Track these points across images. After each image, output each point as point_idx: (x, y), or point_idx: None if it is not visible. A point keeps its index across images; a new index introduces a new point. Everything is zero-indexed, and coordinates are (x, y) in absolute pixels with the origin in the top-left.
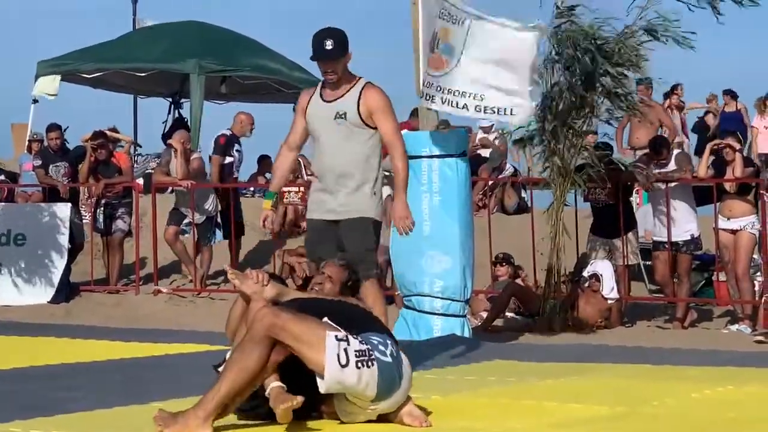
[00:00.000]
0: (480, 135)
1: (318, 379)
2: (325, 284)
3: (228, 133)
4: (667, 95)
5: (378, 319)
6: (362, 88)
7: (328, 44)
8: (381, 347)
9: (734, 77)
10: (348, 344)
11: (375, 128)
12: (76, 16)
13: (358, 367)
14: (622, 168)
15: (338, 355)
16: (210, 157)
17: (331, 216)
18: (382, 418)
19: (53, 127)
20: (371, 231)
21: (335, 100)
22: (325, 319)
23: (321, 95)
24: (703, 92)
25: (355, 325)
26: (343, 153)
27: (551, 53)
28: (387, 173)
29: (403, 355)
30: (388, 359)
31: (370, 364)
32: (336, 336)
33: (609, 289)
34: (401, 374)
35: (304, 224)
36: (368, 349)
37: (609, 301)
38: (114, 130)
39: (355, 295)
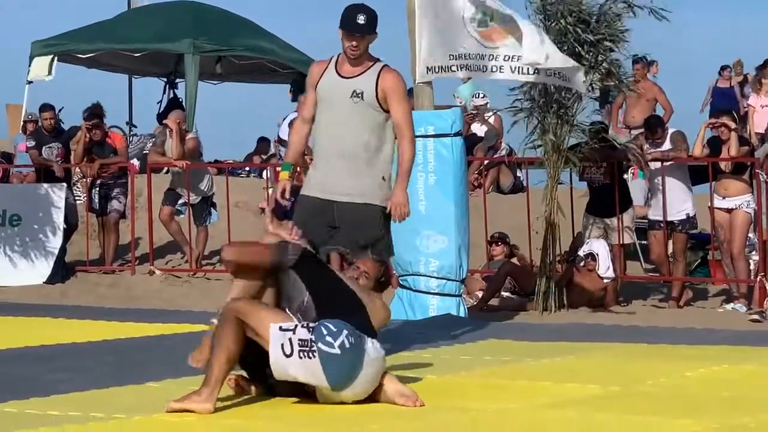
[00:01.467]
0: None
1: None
2: (361, 279)
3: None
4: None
5: (355, 308)
6: (380, 70)
7: (361, 19)
8: (329, 338)
9: (735, 52)
10: (294, 333)
11: (389, 112)
12: None
13: (301, 357)
14: (616, 145)
15: (282, 345)
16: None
17: (333, 196)
18: (370, 398)
19: (46, 107)
20: (377, 221)
21: (353, 77)
22: (286, 308)
23: (337, 70)
24: (707, 67)
25: (323, 311)
26: (355, 132)
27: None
28: None
29: (369, 344)
30: (335, 351)
31: (311, 355)
32: (281, 326)
33: (605, 268)
34: (357, 365)
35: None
36: (311, 339)
37: (605, 281)
38: (97, 107)
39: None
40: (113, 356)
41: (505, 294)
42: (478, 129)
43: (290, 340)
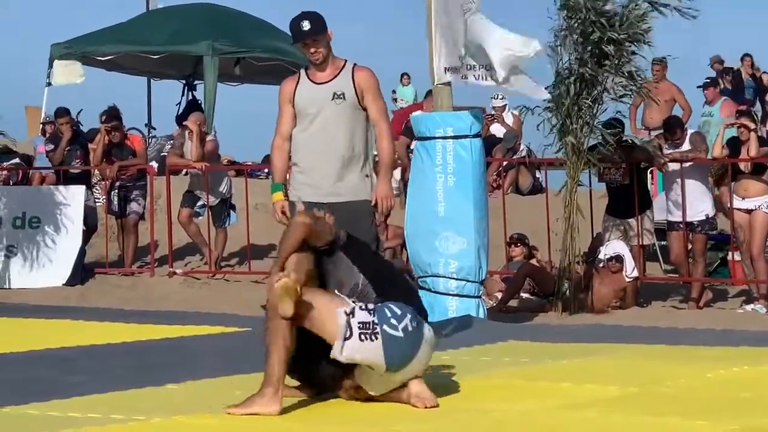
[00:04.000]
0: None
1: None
2: None
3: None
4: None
5: (413, 290)
6: (353, 69)
7: (305, 25)
8: (393, 320)
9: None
10: (353, 317)
11: (366, 110)
12: None
13: (362, 340)
14: (635, 143)
15: (343, 327)
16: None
17: (322, 198)
18: (390, 397)
19: (62, 113)
20: (368, 215)
21: (329, 81)
22: (337, 291)
23: (311, 79)
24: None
25: (384, 293)
26: (343, 134)
27: (562, 26)
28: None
29: (426, 329)
30: (398, 333)
31: (373, 337)
32: (345, 311)
33: (631, 268)
34: (416, 348)
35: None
36: (373, 321)
37: (627, 280)
38: (114, 109)
39: None
40: (132, 358)
41: (524, 295)
42: (497, 130)
43: (349, 323)
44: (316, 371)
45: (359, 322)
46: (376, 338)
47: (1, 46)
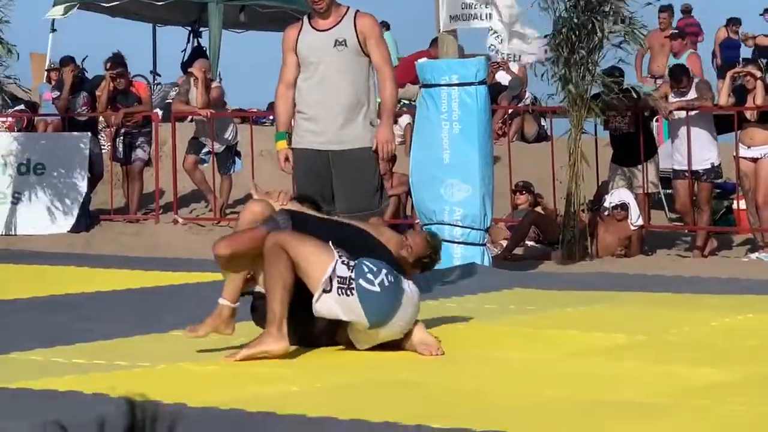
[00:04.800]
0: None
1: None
2: (404, 251)
3: None
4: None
5: (383, 245)
6: (354, 15)
7: None
8: (370, 275)
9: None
10: (333, 271)
11: (368, 56)
12: None
13: (339, 294)
14: (635, 95)
15: (323, 281)
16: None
17: (326, 146)
18: (395, 346)
19: (67, 61)
20: (372, 162)
21: (331, 28)
22: (330, 243)
23: (313, 26)
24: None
25: (356, 250)
26: (346, 82)
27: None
28: (408, 102)
29: (406, 284)
30: (375, 288)
31: (349, 292)
32: (338, 262)
33: (636, 216)
34: (396, 303)
35: None
36: (350, 277)
37: (632, 228)
38: (119, 56)
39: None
40: (137, 305)
41: (529, 243)
42: (503, 78)
43: (330, 277)
44: (312, 327)
45: (339, 277)
46: (352, 293)
47: None
